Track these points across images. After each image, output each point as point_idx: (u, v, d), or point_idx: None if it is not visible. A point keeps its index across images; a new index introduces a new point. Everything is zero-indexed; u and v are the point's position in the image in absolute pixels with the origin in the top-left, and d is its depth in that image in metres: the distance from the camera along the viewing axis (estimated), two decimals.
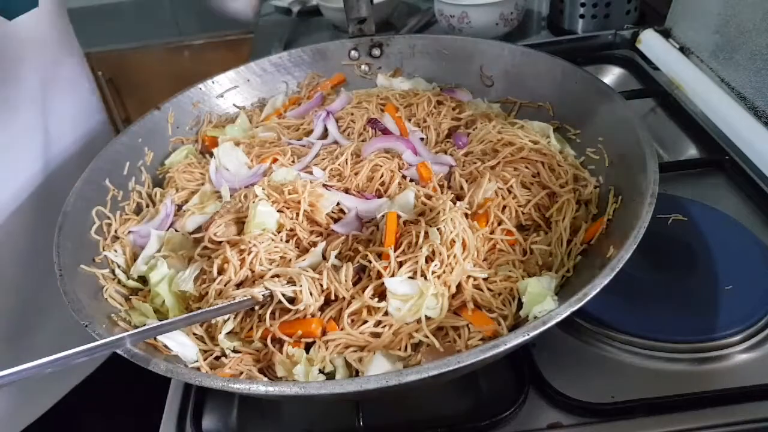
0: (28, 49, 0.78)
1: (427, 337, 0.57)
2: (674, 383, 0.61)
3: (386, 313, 0.59)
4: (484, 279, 0.62)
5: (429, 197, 0.69)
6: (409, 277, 0.60)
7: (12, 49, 0.76)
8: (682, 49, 1.07)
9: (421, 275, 0.60)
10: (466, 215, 0.67)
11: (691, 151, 0.93)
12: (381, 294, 0.61)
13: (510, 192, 0.70)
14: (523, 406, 0.60)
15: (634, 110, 0.71)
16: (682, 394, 0.59)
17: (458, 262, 0.61)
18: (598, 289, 0.51)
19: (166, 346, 0.58)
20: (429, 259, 0.61)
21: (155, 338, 0.57)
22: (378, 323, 0.59)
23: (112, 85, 2.01)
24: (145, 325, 0.59)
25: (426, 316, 0.58)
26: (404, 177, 0.74)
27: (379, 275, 0.60)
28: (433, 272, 0.60)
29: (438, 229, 0.62)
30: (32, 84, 0.80)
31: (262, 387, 0.49)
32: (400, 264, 0.61)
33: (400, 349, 0.57)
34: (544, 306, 0.56)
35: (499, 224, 0.67)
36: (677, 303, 0.67)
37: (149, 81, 1.95)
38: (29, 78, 0.80)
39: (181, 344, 0.59)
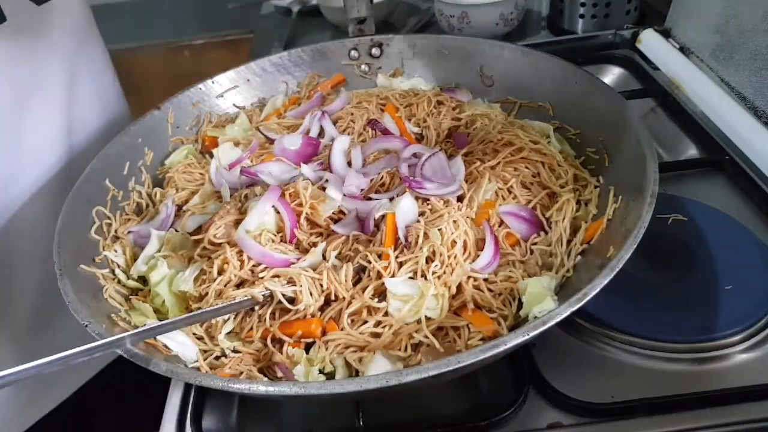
0: (55, 35, 0.80)
1: (427, 337, 0.57)
2: (674, 383, 0.61)
3: (386, 314, 0.59)
4: (485, 279, 0.62)
5: (428, 198, 0.68)
6: (410, 278, 0.60)
7: (40, 34, 0.77)
8: (682, 49, 1.07)
9: (422, 276, 0.60)
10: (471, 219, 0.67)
11: (691, 151, 0.93)
12: (381, 294, 0.61)
13: (510, 192, 0.70)
14: (523, 406, 0.60)
15: (634, 110, 0.71)
16: (682, 394, 0.59)
17: (459, 263, 0.61)
18: (598, 289, 0.51)
19: (166, 346, 0.58)
20: (429, 260, 0.61)
21: (155, 338, 0.57)
22: (378, 323, 0.59)
23: None
24: (145, 325, 0.59)
25: (426, 316, 0.58)
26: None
27: (379, 275, 0.60)
28: (434, 273, 0.60)
29: (439, 229, 0.62)
30: (59, 69, 0.82)
31: (262, 387, 0.49)
32: (400, 264, 0.61)
33: (400, 350, 0.57)
34: (544, 306, 0.56)
35: (500, 224, 0.68)
36: (677, 303, 0.67)
37: (149, 81, 1.95)
38: (56, 64, 0.81)
39: (181, 344, 0.59)
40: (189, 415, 0.63)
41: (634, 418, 0.58)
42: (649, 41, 1.11)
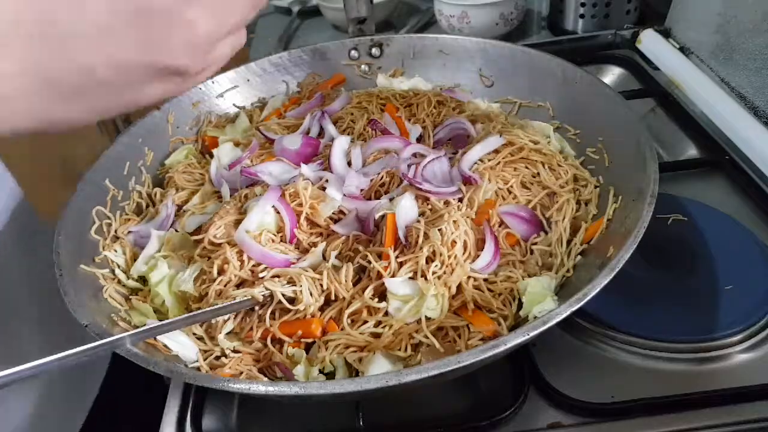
0: None
1: (428, 337, 0.57)
2: (674, 383, 0.61)
3: (386, 314, 0.59)
4: (485, 279, 0.62)
5: (428, 198, 0.68)
6: (410, 278, 0.60)
7: None
8: (682, 49, 1.07)
9: (422, 276, 0.60)
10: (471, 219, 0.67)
11: (691, 151, 0.93)
12: (381, 294, 0.61)
13: (510, 192, 0.70)
14: (523, 406, 0.60)
15: (634, 110, 0.71)
16: (682, 394, 0.59)
17: (459, 263, 0.61)
18: (598, 289, 0.51)
19: (166, 346, 0.58)
20: (429, 260, 0.61)
21: (155, 338, 0.57)
22: (378, 323, 0.59)
23: None
24: (145, 325, 0.59)
25: (426, 316, 0.58)
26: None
27: (379, 275, 0.60)
28: (434, 273, 0.60)
29: (439, 229, 0.62)
30: None
31: (262, 387, 0.49)
32: (400, 264, 0.61)
33: (400, 350, 0.57)
34: (544, 306, 0.57)
35: (501, 225, 0.67)
36: (677, 303, 0.67)
37: None
38: None
39: (181, 344, 0.59)
40: (189, 415, 0.63)
41: (634, 418, 0.58)
42: (649, 41, 1.11)
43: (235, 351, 0.60)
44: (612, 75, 1.13)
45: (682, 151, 0.94)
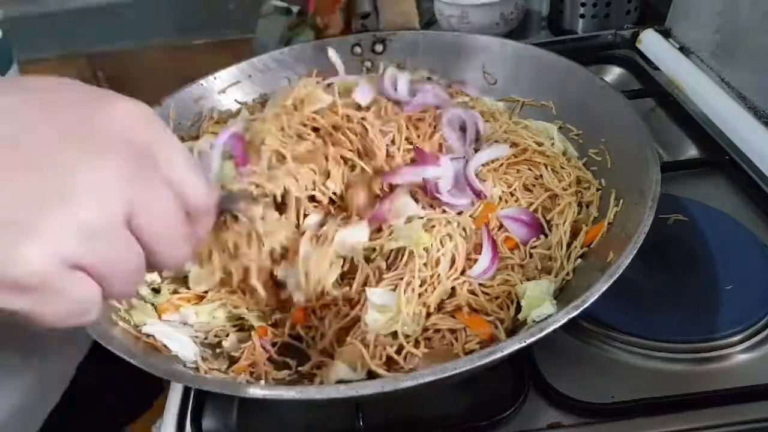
0: None
1: (398, 353, 0.57)
2: (674, 383, 0.61)
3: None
4: (480, 284, 0.61)
5: (432, 206, 0.68)
6: (391, 290, 0.60)
7: None
8: (682, 49, 1.07)
9: (404, 291, 0.60)
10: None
11: (691, 151, 0.93)
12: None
13: (512, 195, 0.70)
14: (523, 406, 0.60)
15: (636, 111, 0.71)
16: (682, 394, 0.59)
17: (441, 282, 0.61)
18: (596, 296, 0.51)
19: (165, 346, 0.58)
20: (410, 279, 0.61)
21: (155, 337, 0.57)
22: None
23: (112, 85, 2.01)
24: (145, 324, 0.59)
25: (403, 332, 0.58)
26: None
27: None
28: (413, 290, 0.59)
29: (425, 248, 0.62)
30: None
31: (259, 390, 0.49)
32: (381, 279, 0.61)
33: (374, 359, 0.57)
34: (543, 310, 0.56)
35: (500, 228, 0.67)
36: (677, 303, 0.67)
37: (149, 81, 1.95)
38: None
39: (181, 343, 0.59)
40: (189, 415, 0.63)
41: (634, 418, 0.58)
42: (649, 41, 1.11)
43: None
44: (612, 75, 1.13)
45: (682, 151, 0.93)
